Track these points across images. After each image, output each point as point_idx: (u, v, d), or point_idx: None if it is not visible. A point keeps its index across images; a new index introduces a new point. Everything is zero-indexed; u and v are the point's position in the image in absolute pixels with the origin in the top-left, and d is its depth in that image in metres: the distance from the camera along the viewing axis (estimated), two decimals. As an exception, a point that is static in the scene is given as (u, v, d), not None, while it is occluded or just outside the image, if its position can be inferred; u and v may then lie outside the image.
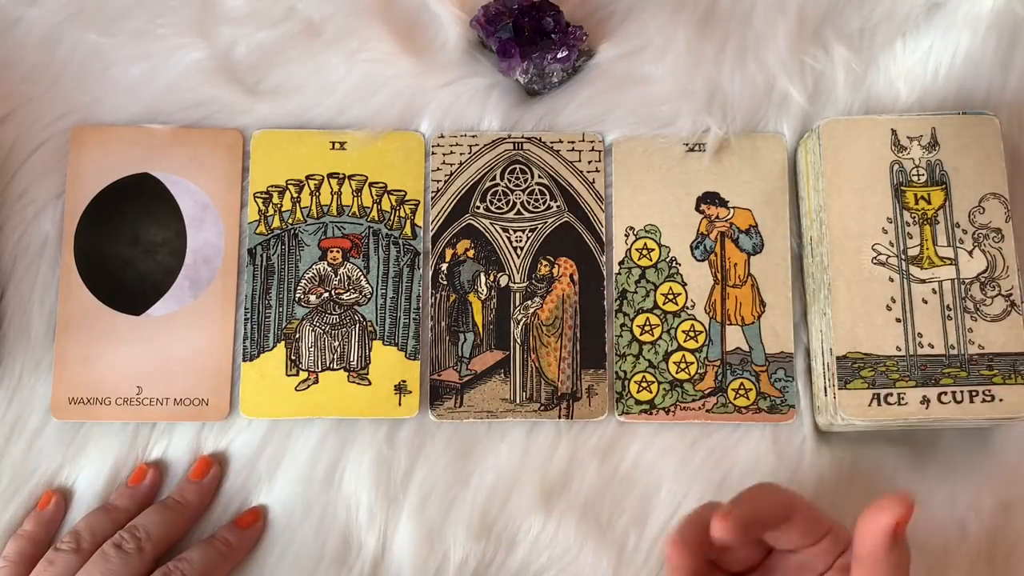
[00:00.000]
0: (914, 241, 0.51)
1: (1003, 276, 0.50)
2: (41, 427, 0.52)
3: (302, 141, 0.55)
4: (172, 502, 0.50)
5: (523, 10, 0.54)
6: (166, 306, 0.53)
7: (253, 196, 0.55)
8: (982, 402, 0.48)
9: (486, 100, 0.56)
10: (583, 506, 0.51)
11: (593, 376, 0.53)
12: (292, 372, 0.53)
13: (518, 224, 0.55)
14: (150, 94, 0.56)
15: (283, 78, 0.56)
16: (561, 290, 0.54)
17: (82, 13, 0.56)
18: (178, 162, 0.55)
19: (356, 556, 0.51)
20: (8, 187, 0.54)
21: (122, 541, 0.47)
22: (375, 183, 0.55)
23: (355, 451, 0.52)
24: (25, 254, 0.54)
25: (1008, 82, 0.56)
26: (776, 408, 0.52)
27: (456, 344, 0.53)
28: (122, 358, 0.53)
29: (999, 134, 0.52)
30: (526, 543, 0.51)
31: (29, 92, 0.55)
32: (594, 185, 0.55)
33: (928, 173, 0.51)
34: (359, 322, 0.54)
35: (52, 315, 0.53)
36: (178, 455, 0.52)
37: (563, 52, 0.54)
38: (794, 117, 0.55)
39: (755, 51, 0.56)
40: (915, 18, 0.56)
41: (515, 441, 0.52)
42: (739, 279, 0.54)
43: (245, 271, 0.54)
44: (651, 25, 0.56)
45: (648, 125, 0.55)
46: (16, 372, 0.53)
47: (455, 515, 0.51)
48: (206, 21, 0.56)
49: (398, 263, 0.54)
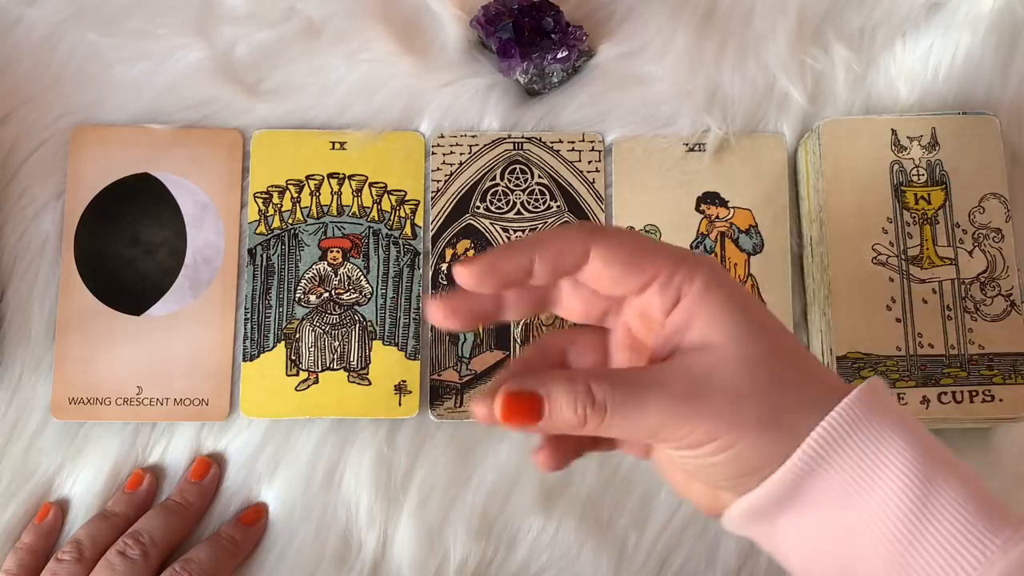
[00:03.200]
0: (914, 241, 0.51)
1: (1003, 276, 0.50)
2: (41, 427, 0.52)
3: (302, 141, 0.55)
4: (173, 504, 0.50)
5: (523, 10, 0.54)
6: (166, 306, 0.53)
7: (253, 196, 0.55)
8: (982, 402, 0.48)
9: (486, 100, 0.56)
10: (583, 506, 0.51)
11: (593, 376, 0.53)
12: (292, 372, 0.53)
13: (518, 224, 0.55)
14: (150, 94, 0.56)
15: (283, 78, 0.56)
16: (561, 290, 0.54)
17: (82, 13, 0.56)
18: (178, 162, 0.55)
19: (356, 556, 0.51)
20: (8, 187, 0.54)
21: (126, 548, 0.47)
22: (375, 183, 0.55)
23: (355, 451, 0.52)
24: (25, 254, 0.54)
25: (1008, 82, 0.56)
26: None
27: (456, 344, 0.53)
28: (122, 358, 0.52)
29: (999, 134, 0.52)
30: (526, 543, 0.51)
31: (29, 92, 0.55)
32: (594, 185, 0.55)
33: (928, 173, 0.51)
34: (359, 322, 0.54)
35: (52, 315, 0.53)
36: (178, 455, 0.52)
37: (563, 52, 0.54)
38: (794, 117, 0.55)
39: (755, 51, 0.56)
40: (915, 18, 0.56)
41: (515, 441, 0.52)
42: (739, 279, 0.54)
43: (245, 271, 0.54)
44: (651, 25, 0.57)
45: (648, 125, 0.55)
46: (16, 372, 0.53)
47: (455, 515, 0.51)
48: (206, 21, 0.56)
49: (398, 263, 0.54)
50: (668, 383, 0.31)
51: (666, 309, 0.32)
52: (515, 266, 0.32)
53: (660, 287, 0.32)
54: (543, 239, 0.33)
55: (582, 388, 0.31)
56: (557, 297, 0.36)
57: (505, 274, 0.32)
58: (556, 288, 0.35)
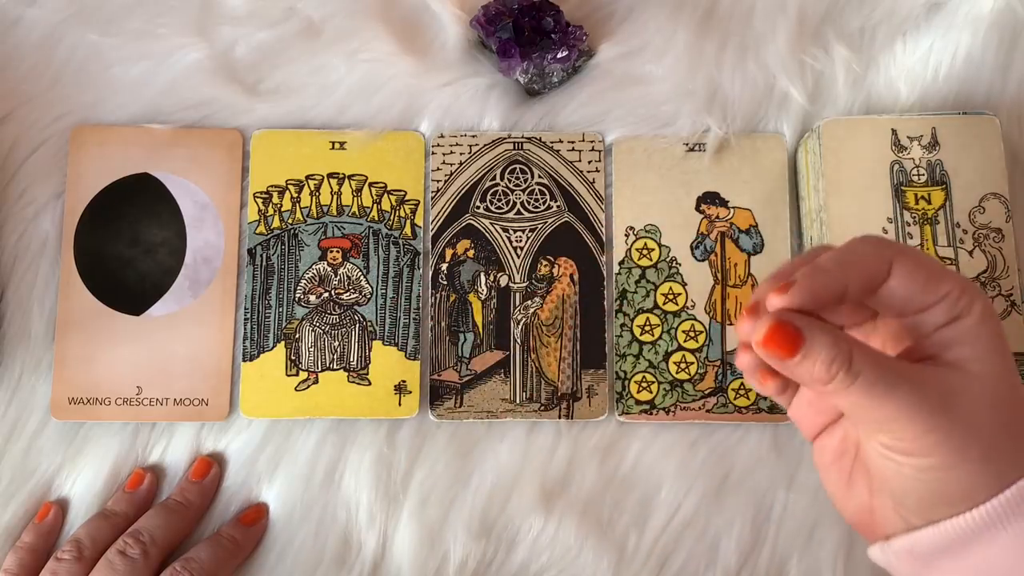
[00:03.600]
0: (914, 241, 0.51)
1: (1003, 276, 0.50)
2: (41, 427, 0.52)
3: (302, 141, 0.55)
4: (174, 503, 0.50)
5: (523, 10, 0.54)
6: (166, 306, 0.53)
7: (253, 196, 0.55)
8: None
9: (486, 100, 0.56)
10: (583, 506, 0.51)
11: (593, 376, 0.53)
12: (292, 372, 0.53)
13: (518, 224, 0.55)
14: (150, 94, 0.56)
15: (283, 78, 0.56)
16: (561, 290, 0.54)
17: (82, 13, 0.56)
18: (178, 162, 0.55)
19: (356, 556, 0.51)
20: (8, 187, 0.54)
21: (126, 547, 0.47)
22: (375, 183, 0.55)
23: (355, 451, 0.52)
24: (25, 254, 0.54)
25: (1008, 82, 0.56)
26: (776, 408, 0.52)
27: (456, 344, 0.53)
28: (122, 358, 0.52)
29: (999, 134, 0.52)
30: (526, 543, 0.51)
31: (29, 92, 0.55)
32: (594, 185, 0.55)
33: (928, 173, 0.51)
34: (359, 322, 0.53)
35: (52, 315, 0.53)
36: (178, 455, 0.52)
37: (563, 52, 0.54)
38: (794, 117, 0.55)
39: (755, 51, 0.56)
40: (915, 18, 0.56)
41: (515, 441, 0.52)
42: (739, 279, 0.54)
43: (245, 271, 0.54)
44: (651, 25, 0.57)
45: (648, 125, 0.55)
46: (16, 372, 0.53)
47: (455, 515, 0.51)
48: (206, 21, 0.56)
49: (398, 263, 0.54)
50: (923, 385, 0.32)
51: (939, 325, 0.33)
52: (833, 286, 0.32)
53: (949, 305, 0.33)
54: (845, 258, 0.33)
55: (844, 348, 0.31)
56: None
57: (820, 297, 0.32)
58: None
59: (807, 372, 0.32)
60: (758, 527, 0.51)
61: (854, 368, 0.31)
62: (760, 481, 0.52)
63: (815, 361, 0.31)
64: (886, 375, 0.31)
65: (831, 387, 0.32)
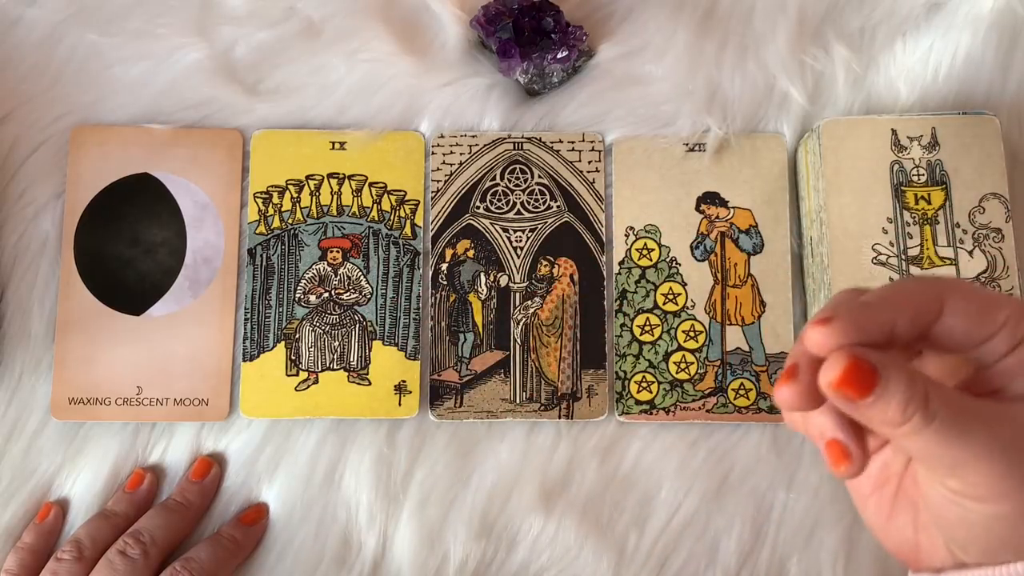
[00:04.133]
0: (914, 241, 0.51)
1: (1003, 276, 0.50)
2: (41, 427, 0.52)
3: (302, 141, 0.55)
4: (174, 503, 0.50)
5: (523, 10, 0.54)
6: (166, 306, 0.53)
7: (253, 196, 0.55)
8: (982, 402, 0.48)
9: (486, 100, 0.56)
10: (583, 506, 0.51)
11: (593, 376, 0.53)
12: (292, 372, 0.53)
13: (518, 224, 0.55)
14: (150, 94, 0.56)
15: (283, 78, 0.56)
16: (561, 290, 0.54)
17: (82, 13, 0.56)
18: (178, 162, 0.55)
19: (356, 556, 0.51)
20: (8, 187, 0.54)
21: (126, 547, 0.47)
22: (375, 183, 0.55)
23: (355, 451, 0.52)
24: (25, 254, 0.54)
25: (1008, 82, 0.56)
26: (776, 408, 0.52)
27: (456, 344, 0.53)
28: (122, 358, 0.52)
29: (999, 134, 0.52)
30: (526, 543, 0.51)
31: (29, 92, 0.55)
32: (594, 185, 0.55)
33: (928, 173, 0.51)
34: (359, 322, 0.54)
35: (52, 315, 0.53)
36: (178, 455, 0.52)
37: (563, 52, 0.54)
38: (794, 117, 0.55)
39: (755, 51, 0.56)
40: (915, 18, 0.56)
41: (515, 441, 0.52)
42: (739, 279, 0.54)
43: (245, 271, 0.54)
44: (651, 25, 0.57)
45: (648, 125, 0.55)
46: (16, 372, 0.53)
47: (455, 515, 0.51)
48: (206, 21, 0.56)
49: (398, 263, 0.54)
50: (997, 426, 0.29)
51: (1001, 354, 0.31)
52: (880, 321, 0.30)
53: (1009, 332, 0.30)
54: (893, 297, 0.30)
55: (920, 391, 0.28)
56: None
57: (868, 332, 0.29)
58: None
59: (879, 414, 0.28)
60: (758, 527, 0.51)
61: (931, 409, 0.28)
62: (760, 481, 0.52)
63: (889, 402, 0.28)
64: (959, 415, 0.28)
65: (903, 429, 0.28)
